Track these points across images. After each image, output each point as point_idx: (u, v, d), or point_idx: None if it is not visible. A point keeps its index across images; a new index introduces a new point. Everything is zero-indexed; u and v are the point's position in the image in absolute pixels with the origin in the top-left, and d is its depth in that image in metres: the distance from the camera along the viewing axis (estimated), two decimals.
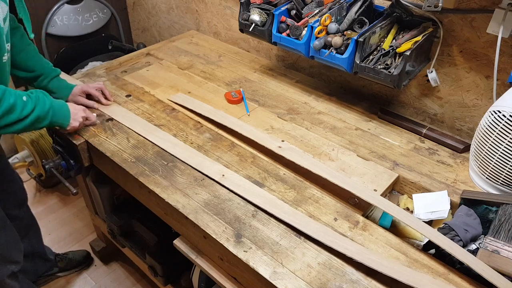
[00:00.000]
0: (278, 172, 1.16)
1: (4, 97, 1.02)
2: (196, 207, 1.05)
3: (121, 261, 1.89)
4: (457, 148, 1.25)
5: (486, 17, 1.11)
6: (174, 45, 1.85)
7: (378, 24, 1.23)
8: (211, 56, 1.77)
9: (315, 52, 1.26)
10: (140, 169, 1.16)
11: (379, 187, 1.12)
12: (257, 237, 0.97)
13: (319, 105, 1.46)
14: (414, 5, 1.22)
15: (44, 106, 1.12)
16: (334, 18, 1.27)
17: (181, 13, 2.07)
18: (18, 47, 1.26)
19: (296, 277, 0.88)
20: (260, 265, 0.91)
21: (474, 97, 1.27)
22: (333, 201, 1.07)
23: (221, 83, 1.57)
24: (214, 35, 1.96)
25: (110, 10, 2.33)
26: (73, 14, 2.18)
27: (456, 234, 0.96)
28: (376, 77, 1.19)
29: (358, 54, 1.19)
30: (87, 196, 1.66)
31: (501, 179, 1.05)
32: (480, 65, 1.21)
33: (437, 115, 1.38)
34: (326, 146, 1.26)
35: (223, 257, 1.01)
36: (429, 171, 1.18)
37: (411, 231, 1.06)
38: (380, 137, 1.31)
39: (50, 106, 1.13)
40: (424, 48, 1.23)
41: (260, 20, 1.37)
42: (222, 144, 1.25)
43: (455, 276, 0.89)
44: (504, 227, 0.92)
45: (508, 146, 1.00)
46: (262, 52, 1.78)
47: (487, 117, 1.05)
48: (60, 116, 1.18)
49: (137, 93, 1.49)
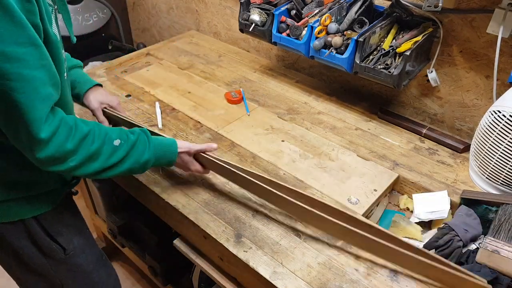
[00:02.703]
0: (278, 172, 1.16)
1: (87, 139, 0.81)
2: (196, 207, 1.05)
3: (121, 261, 1.89)
4: (457, 148, 1.25)
5: (486, 17, 1.11)
6: (174, 45, 1.85)
7: (378, 24, 1.23)
8: (211, 56, 1.77)
9: (315, 52, 1.26)
10: None
11: (379, 187, 1.12)
12: (257, 237, 0.97)
13: (319, 105, 1.46)
14: (414, 5, 1.22)
15: (140, 157, 0.89)
16: (334, 18, 1.27)
17: (181, 13, 2.07)
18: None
19: (296, 277, 0.88)
20: (260, 265, 0.91)
21: (474, 97, 1.27)
22: (333, 201, 1.07)
23: (221, 83, 1.57)
24: (214, 35, 1.96)
25: (110, 10, 2.33)
26: (73, 14, 2.18)
27: (456, 234, 0.96)
28: (376, 77, 1.19)
29: (358, 54, 1.19)
30: (87, 196, 1.66)
31: (501, 179, 1.05)
32: (480, 65, 1.21)
33: (437, 115, 1.38)
34: (326, 146, 1.26)
35: (223, 257, 1.01)
36: (429, 171, 1.18)
37: (411, 231, 1.06)
38: (380, 137, 1.31)
39: (148, 159, 0.91)
40: (424, 48, 1.23)
41: (260, 20, 1.37)
42: (222, 144, 1.25)
43: None
44: (504, 227, 0.92)
45: (508, 146, 1.00)
46: (262, 52, 1.78)
47: (487, 117, 1.05)
48: (161, 163, 0.96)
49: (137, 93, 1.49)
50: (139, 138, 0.90)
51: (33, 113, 0.72)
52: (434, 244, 0.97)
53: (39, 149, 0.76)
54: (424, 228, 1.10)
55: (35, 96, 0.72)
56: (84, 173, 0.83)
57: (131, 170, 0.89)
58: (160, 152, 0.94)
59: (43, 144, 0.75)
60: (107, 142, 0.84)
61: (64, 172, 0.81)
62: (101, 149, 0.83)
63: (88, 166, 0.82)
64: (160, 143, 0.94)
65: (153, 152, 0.91)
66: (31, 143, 0.75)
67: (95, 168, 0.83)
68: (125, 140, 0.87)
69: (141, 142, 0.90)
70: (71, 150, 0.79)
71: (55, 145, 0.77)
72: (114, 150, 0.85)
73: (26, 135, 0.74)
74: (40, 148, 0.76)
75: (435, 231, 1.05)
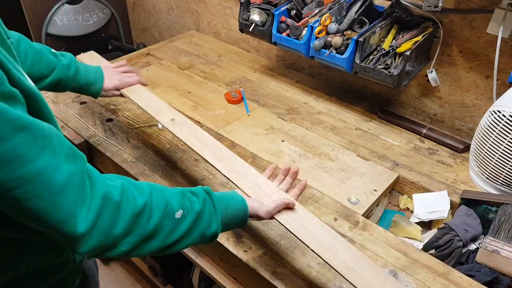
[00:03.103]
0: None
1: (142, 216, 0.64)
2: None
3: (121, 261, 1.89)
4: (457, 148, 1.25)
5: (486, 17, 1.11)
6: (174, 45, 1.85)
7: (378, 24, 1.23)
8: (211, 56, 1.77)
9: (315, 52, 1.26)
10: (140, 169, 1.16)
11: (379, 187, 1.12)
12: (257, 237, 0.97)
13: (319, 105, 1.46)
14: (414, 5, 1.22)
15: (206, 229, 0.72)
16: (334, 18, 1.27)
17: (181, 13, 2.07)
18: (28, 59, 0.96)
19: (296, 277, 0.88)
20: (260, 265, 0.91)
21: (474, 97, 1.27)
22: (333, 201, 1.07)
23: (221, 83, 1.57)
24: (214, 35, 1.96)
25: (110, 10, 2.33)
26: (73, 14, 2.18)
27: (456, 234, 0.96)
28: (376, 77, 1.19)
29: (358, 54, 1.19)
30: None
31: (501, 179, 1.05)
32: (480, 65, 1.21)
33: (437, 115, 1.38)
34: (326, 146, 1.26)
35: (223, 257, 1.01)
36: (429, 171, 1.18)
37: (411, 231, 1.06)
38: (380, 137, 1.31)
39: (216, 231, 0.73)
40: (424, 48, 1.23)
41: (260, 20, 1.37)
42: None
43: (455, 276, 0.89)
44: (504, 227, 0.92)
45: (508, 146, 1.00)
46: (262, 52, 1.78)
47: (487, 117, 1.05)
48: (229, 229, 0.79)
49: None
50: (205, 207, 0.72)
51: (57, 213, 0.55)
52: (434, 244, 0.97)
53: (80, 245, 0.59)
54: (424, 228, 1.10)
55: (51, 193, 0.55)
56: (139, 255, 0.67)
57: (196, 244, 0.76)
58: (228, 220, 0.76)
59: (85, 238, 0.59)
60: (167, 215, 0.67)
61: (116, 257, 0.66)
62: (161, 225, 0.66)
63: (145, 247, 0.66)
64: (227, 208, 0.77)
65: (218, 224, 0.74)
66: (70, 242, 0.59)
67: (152, 248, 0.66)
68: (189, 210, 0.70)
69: (207, 212, 0.72)
70: (121, 234, 0.62)
71: (99, 234, 0.60)
72: (176, 224, 0.68)
73: (61, 236, 0.58)
74: (81, 244, 0.59)
75: (435, 231, 1.05)
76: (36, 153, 0.53)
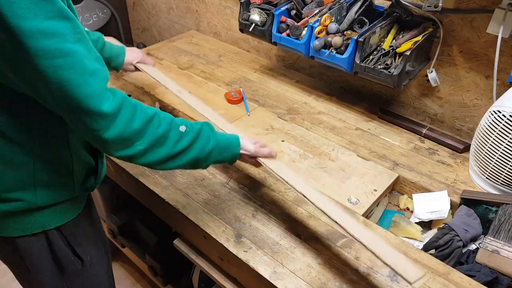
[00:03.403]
0: None
1: (153, 121, 0.77)
2: (196, 207, 1.05)
3: (121, 261, 1.89)
4: (457, 148, 1.25)
5: (486, 17, 1.11)
6: (174, 45, 1.85)
7: (378, 24, 1.23)
8: (211, 56, 1.77)
9: (315, 52, 1.26)
10: (140, 169, 1.16)
11: (379, 187, 1.12)
12: (257, 237, 0.97)
13: (319, 105, 1.46)
14: (414, 5, 1.22)
15: (205, 146, 0.84)
16: (334, 18, 1.27)
17: (181, 13, 2.07)
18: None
19: (296, 277, 0.88)
20: (260, 265, 0.91)
21: (474, 97, 1.27)
22: (333, 201, 1.07)
23: (221, 83, 1.57)
24: (214, 35, 1.96)
25: (110, 10, 2.33)
26: None
27: (456, 234, 0.96)
28: (376, 77, 1.19)
29: (358, 54, 1.19)
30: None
31: (501, 179, 1.05)
32: (480, 65, 1.21)
33: (437, 115, 1.38)
34: (326, 146, 1.26)
35: (223, 257, 1.01)
36: (429, 171, 1.18)
37: (411, 231, 1.06)
38: (380, 137, 1.31)
39: (213, 148, 0.86)
40: (424, 48, 1.23)
41: (260, 20, 1.37)
42: None
43: (455, 276, 0.89)
44: (504, 227, 0.92)
45: (508, 146, 1.00)
46: (262, 52, 1.78)
47: (487, 117, 1.05)
48: (224, 158, 0.92)
49: (137, 93, 1.49)
50: (203, 128, 0.86)
51: (87, 87, 0.66)
52: (434, 244, 0.97)
53: (105, 127, 0.70)
54: (424, 228, 1.10)
55: (83, 71, 0.66)
56: (150, 160, 0.78)
57: (196, 161, 0.84)
58: (223, 144, 0.89)
59: (109, 120, 0.70)
60: (173, 127, 0.79)
61: (132, 158, 0.76)
62: (168, 134, 0.78)
63: (156, 151, 0.77)
64: (223, 136, 0.91)
65: (216, 139, 0.87)
66: (95, 121, 0.69)
67: (162, 154, 0.78)
68: (190, 128, 0.83)
69: (205, 132, 0.85)
70: (138, 130, 0.73)
71: (121, 123, 0.71)
72: (180, 136, 0.80)
73: (87, 115, 0.68)
74: (106, 126, 0.69)
75: (435, 231, 1.05)
76: (73, 41, 0.65)
